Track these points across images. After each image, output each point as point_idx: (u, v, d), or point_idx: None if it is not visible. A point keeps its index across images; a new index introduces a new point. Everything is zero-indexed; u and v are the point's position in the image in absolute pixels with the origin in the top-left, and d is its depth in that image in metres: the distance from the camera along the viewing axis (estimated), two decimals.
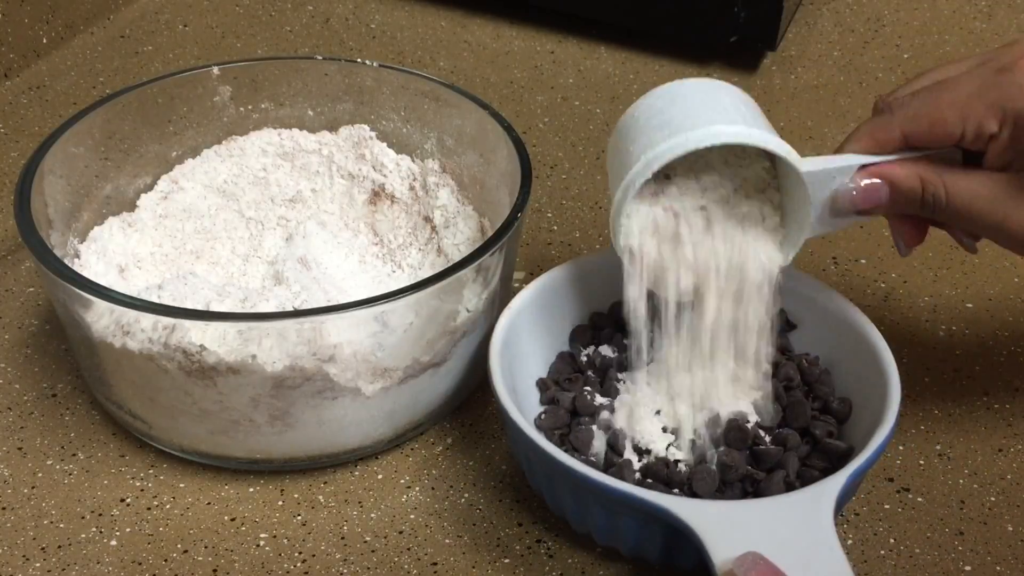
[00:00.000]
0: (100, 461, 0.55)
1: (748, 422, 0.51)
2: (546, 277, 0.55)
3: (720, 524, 0.43)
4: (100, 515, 0.52)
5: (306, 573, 0.50)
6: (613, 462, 0.50)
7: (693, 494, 0.48)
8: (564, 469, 0.45)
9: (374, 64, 0.64)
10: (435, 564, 0.50)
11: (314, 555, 0.50)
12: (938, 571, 0.50)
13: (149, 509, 0.52)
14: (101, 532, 0.51)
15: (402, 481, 0.54)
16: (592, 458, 0.50)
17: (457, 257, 0.58)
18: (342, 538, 0.51)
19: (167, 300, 0.52)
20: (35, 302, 0.63)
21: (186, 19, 0.89)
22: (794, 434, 0.50)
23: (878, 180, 0.48)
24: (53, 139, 0.57)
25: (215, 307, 0.52)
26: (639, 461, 0.50)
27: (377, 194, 0.63)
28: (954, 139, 0.47)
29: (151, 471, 0.54)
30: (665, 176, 0.50)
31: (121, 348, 0.50)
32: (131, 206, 0.62)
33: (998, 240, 0.48)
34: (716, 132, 0.46)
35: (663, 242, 0.49)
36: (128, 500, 0.53)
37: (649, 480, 0.49)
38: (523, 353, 0.54)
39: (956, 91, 0.46)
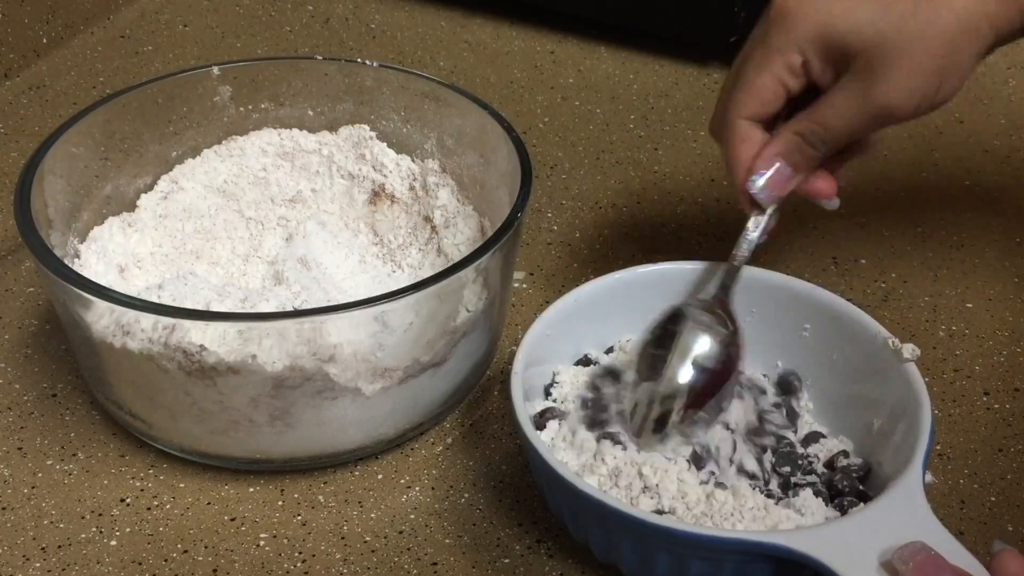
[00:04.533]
0: (100, 461, 0.55)
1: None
2: (555, 308, 0.54)
3: (841, 546, 0.43)
4: (100, 515, 0.52)
5: (306, 573, 0.50)
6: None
7: None
8: (630, 521, 0.44)
9: (374, 64, 0.64)
10: (435, 564, 0.50)
11: (314, 555, 0.50)
12: None
13: (149, 509, 0.52)
14: (101, 532, 0.51)
15: (402, 481, 0.54)
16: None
17: (457, 257, 0.58)
18: (342, 538, 0.51)
19: (167, 300, 0.52)
20: (35, 302, 0.63)
21: (186, 19, 0.89)
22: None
23: (776, 166, 0.52)
24: (53, 139, 0.57)
25: (215, 307, 0.52)
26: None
27: (377, 194, 0.63)
28: (785, 97, 0.52)
29: (151, 471, 0.54)
30: None
31: (121, 348, 0.50)
32: (131, 206, 0.62)
33: (884, 121, 0.51)
34: None
35: None
36: (128, 500, 0.53)
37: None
38: (539, 375, 0.54)
39: (750, 61, 0.52)
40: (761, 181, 0.52)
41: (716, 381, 0.51)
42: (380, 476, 0.54)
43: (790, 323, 0.55)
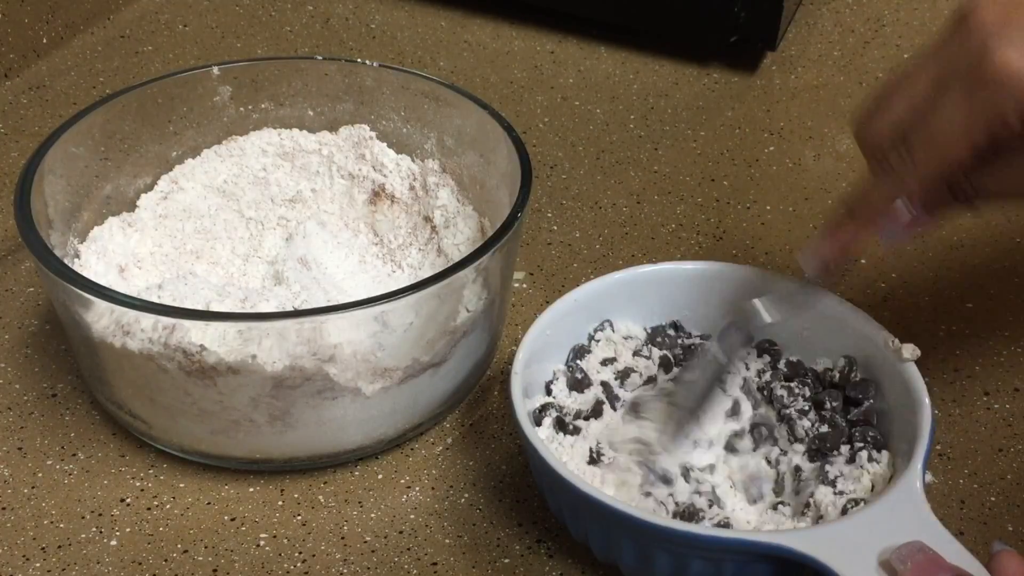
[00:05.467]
0: (100, 461, 0.55)
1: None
2: (555, 308, 0.54)
3: (841, 546, 0.43)
4: (100, 515, 0.52)
5: (306, 573, 0.50)
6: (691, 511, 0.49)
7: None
8: (630, 521, 0.44)
9: (374, 64, 0.64)
10: (435, 564, 0.50)
11: (314, 555, 0.50)
12: None
13: (149, 509, 0.52)
14: (101, 532, 0.51)
15: (402, 481, 0.54)
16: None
17: (457, 257, 0.58)
18: (342, 538, 0.51)
19: (167, 300, 0.52)
20: (35, 302, 0.63)
21: (186, 19, 0.89)
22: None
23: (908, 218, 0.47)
24: (53, 139, 0.57)
25: (215, 307, 0.52)
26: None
27: (377, 194, 0.63)
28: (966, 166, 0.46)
29: (151, 471, 0.54)
30: None
31: (121, 348, 0.50)
32: (131, 206, 0.62)
33: None
34: None
35: None
36: (128, 500, 0.53)
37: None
38: (539, 372, 0.54)
39: (948, 124, 0.44)
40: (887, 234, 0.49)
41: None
42: (380, 476, 0.54)
43: (790, 323, 0.55)
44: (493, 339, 0.57)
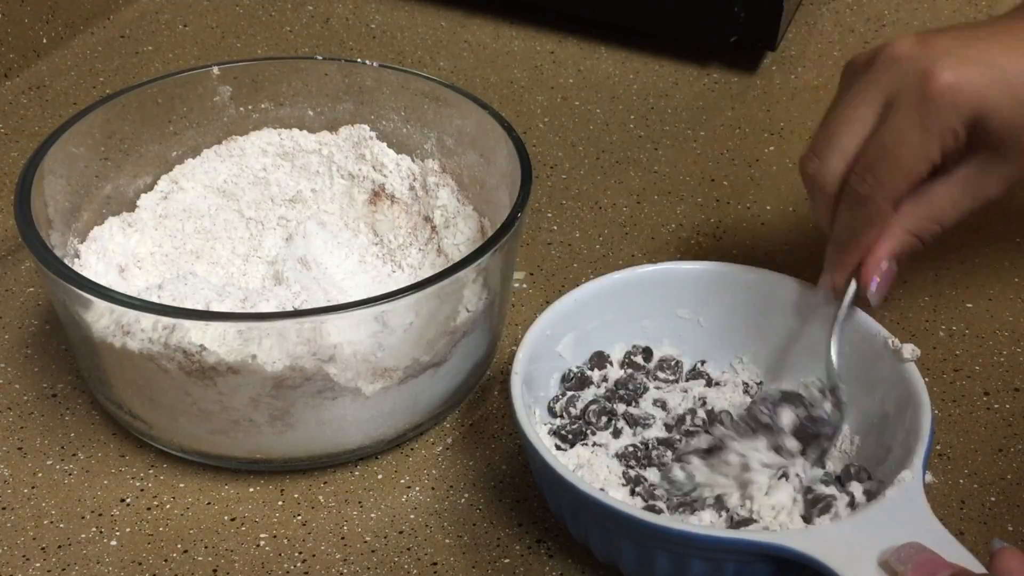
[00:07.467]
0: (100, 461, 0.55)
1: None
2: (555, 308, 0.54)
3: (841, 546, 0.43)
4: (100, 515, 0.52)
5: (306, 573, 0.50)
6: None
7: None
8: (630, 521, 0.45)
9: (374, 64, 0.64)
10: (435, 564, 0.50)
11: (314, 555, 0.50)
12: None
13: (149, 509, 0.52)
14: (101, 532, 0.51)
15: (402, 481, 0.54)
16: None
17: (457, 257, 0.58)
18: (342, 538, 0.51)
19: (167, 300, 0.52)
20: (35, 302, 0.63)
21: (186, 19, 0.89)
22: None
23: (887, 268, 0.51)
24: (53, 139, 0.57)
25: (215, 307, 0.52)
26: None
27: (377, 194, 0.63)
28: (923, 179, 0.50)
29: (151, 471, 0.54)
30: None
31: (121, 348, 0.50)
32: (131, 206, 0.62)
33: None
34: None
35: None
36: (128, 500, 0.53)
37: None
38: (539, 373, 0.54)
39: (906, 142, 0.48)
40: (874, 287, 0.52)
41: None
42: (380, 476, 0.54)
43: (790, 324, 0.55)
44: (493, 339, 0.57)
